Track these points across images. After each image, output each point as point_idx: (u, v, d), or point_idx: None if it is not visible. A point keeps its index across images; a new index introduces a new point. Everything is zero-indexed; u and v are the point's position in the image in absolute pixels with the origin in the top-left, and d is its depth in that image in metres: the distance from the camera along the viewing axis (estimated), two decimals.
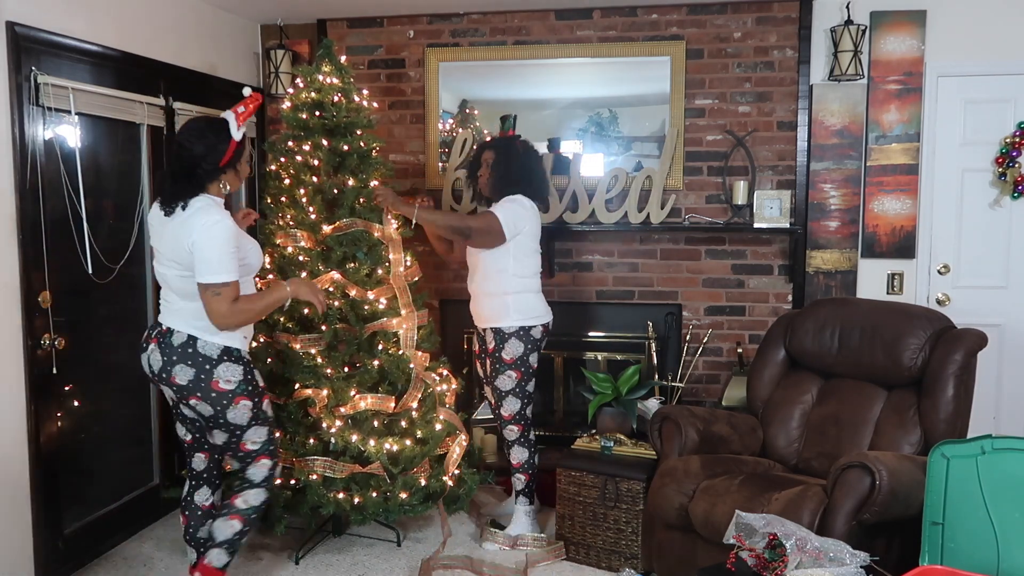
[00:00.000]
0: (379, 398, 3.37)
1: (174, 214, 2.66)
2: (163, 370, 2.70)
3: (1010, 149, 4.03)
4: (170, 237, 2.66)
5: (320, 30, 4.58)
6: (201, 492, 2.96)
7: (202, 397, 2.69)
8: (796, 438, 3.37)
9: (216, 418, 2.74)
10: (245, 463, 2.84)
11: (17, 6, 3.00)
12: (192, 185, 2.66)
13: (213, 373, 2.68)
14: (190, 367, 2.67)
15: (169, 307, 2.76)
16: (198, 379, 2.68)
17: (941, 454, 2.36)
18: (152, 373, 2.75)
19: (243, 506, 2.83)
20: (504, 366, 3.54)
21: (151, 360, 2.74)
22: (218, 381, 2.68)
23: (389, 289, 3.48)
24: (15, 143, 3.00)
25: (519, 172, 3.55)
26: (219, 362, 2.69)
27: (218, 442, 2.84)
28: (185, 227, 2.62)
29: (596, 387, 3.71)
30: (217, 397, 2.69)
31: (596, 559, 3.43)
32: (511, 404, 3.57)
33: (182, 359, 2.67)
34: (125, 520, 3.69)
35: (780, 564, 2.18)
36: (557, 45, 4.39)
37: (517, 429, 3.60)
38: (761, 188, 4.25)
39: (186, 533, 2.95)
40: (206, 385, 2.68)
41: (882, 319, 3.31)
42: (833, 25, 4.09)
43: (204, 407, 2.72)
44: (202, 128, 2.71)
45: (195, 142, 2.66)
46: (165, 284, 2.76)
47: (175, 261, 2.67)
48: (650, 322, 4.34)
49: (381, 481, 3.31)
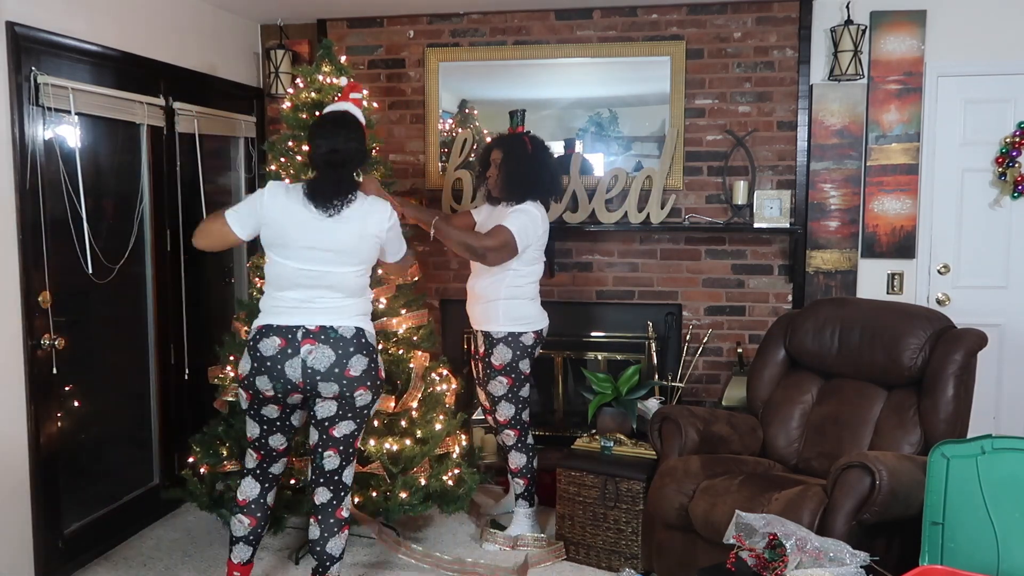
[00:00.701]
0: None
1: (329, 211, 2.67)
2: (336, 365, 2.64)
3: (1010, 149, 4.03)
4: (348, 234, 2.69)
5: (320, 30, 4.58)
6: (272, 494, 2.94)
7: (370, 386, 2.73)
8: (796, 438, 3.37)
9: (366, 408, 2.76)
10: (348, 461, 2.81)
11: (17, 6, 3.00)
12: (352, 180, 2.74)
13: (377, 362, 2.77)
14: (364, 356, 2.70)
15: (323, 305, 2.69)
16: (370, 368, 2.72)
17: (941, 454, 2.36)
18: (309, 375, 2.65)
19: (347, 514, 2.86)
20: (494, 371, 3.51)
21: (310, 361, 2.64)
22: (380, 370, 2.79)
23: (389, 289, 3.48)
24: (15, 143, 3.00)
25: (529, 171, 3.46)
26: (377, 352, 2.81)
27: (339, 434, 2.74)
28: (369, 222, 2.72)
29: (596, 387, 3.71)
30: (379, 386, 2.78)
31: (596, 559, 3.43)
32: (505, 409, 3.55)
33: (358, 350, 2.68)
34: (125, 520, 3.69)
35: (780, 564, 2.18)
36: (557, 45, 4.39)
37: (513, 434, 3.58)
38: (761, 188, 4.25)
39: (251, 534, 2.89)
40: (375, 374, 2.75)
41: (882, 319, 3.31)
42: (833, 25, 4.09)
43: (365, 396, 2.73)
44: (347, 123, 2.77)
45: (350, 136, 2.72)
46: (326, 284, 2.69)
47: (355, 258, 2.72)
48: (650, 322, 4.34)
49: (381, 481, 3.31)
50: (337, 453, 2.77)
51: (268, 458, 2.89)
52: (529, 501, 3.65)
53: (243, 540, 2.89)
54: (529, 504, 3.65)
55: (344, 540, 2.84)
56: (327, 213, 2.66)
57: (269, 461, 2.90)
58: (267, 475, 2.91)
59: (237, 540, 2.89)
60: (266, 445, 2.86)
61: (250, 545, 2.91)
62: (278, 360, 2.65)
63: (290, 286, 2.70)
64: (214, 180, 4.29)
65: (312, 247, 2.67)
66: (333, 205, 2.67)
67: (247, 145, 4.57)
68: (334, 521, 2.81)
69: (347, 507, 2.85)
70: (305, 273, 2.68)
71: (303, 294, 2.68)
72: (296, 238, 2.68)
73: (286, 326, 2.67)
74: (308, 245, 2.67)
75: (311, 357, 2.64)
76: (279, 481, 2.98)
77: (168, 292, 3.89)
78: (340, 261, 2.68)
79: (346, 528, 2.85)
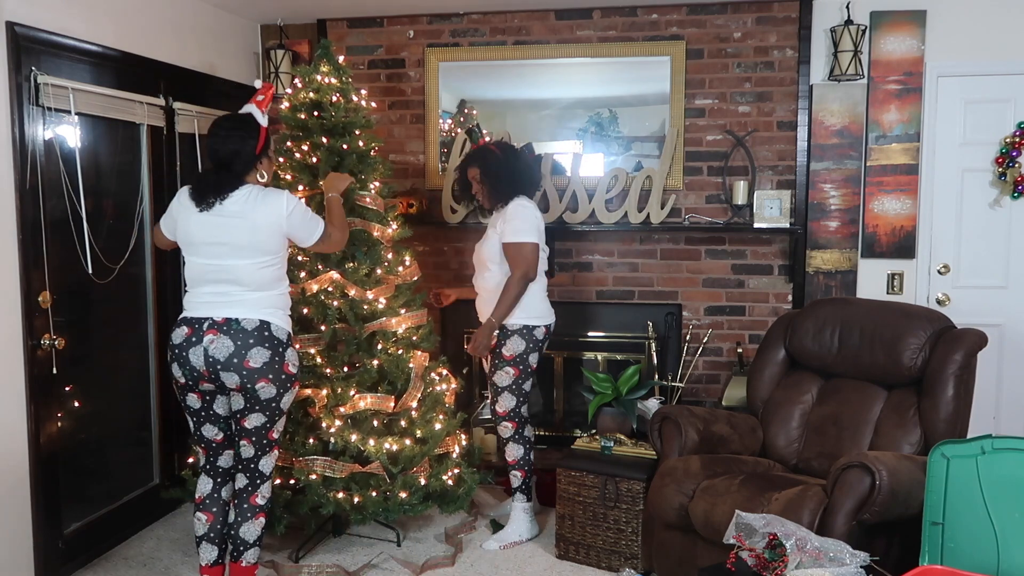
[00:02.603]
0: (378, 398, 3.37)
1: (215, 208, 2.73)
2: (234, 355, 2.71)
3: (1010, 149, 4.03)
4: (238, 229, 2.73)
5: (320, 30, 4.58)
6: (227, 488, 2.98)
7: (272, 379, 2.75)
8: (796, 438, 3.37)
9: (272, 401, 2.78)
10: (263, 451, 2.86)
11: (17, 6, 3.00)
12: (232, 178, 2.77)
13: (284, 356, 2.78)
14: (266, 349, 2.73)
15: (228, 299, 2.76)
16: (272, 361, 2.74)
17: (941, 454, 2.36)
18: (210, 364, 2.72)
19: (263, 502, 2.91)
20: (503, 362, 3.55)
21: (211, 350, 2.72)
22: (288, 364, 2.80)
23: (388, 289, 3.48)
24: (15, 143, 3.00)
25: (510, 173, 3.58)
26: (287, 346, 2.81)
27: (251, 425, 2.81)
28: (266, 216, 2.73)
29: (596, 387, 3.71)
30: (285, 379, 2.79)
31: (596, 559, 3.43)
32: (506, 400, 3.58)
33: (258, 342, 2.73)
34: (125, 520, 3.69)
35: (780, 564, 2.18)
36: (557, 45, 4.39)
37: (511, 426, 3.60)
38: (761, 188, 4.25)
39: (210, 531, 2.93)
40: (279, 367, 2.76)
41: (882, 319, 3.31)
42: (833, 25, 4.09)
43: (269, 389, 2.76)
44: (232, 124, 2.82)
45: (229, 138, 2.77)
46: (228, 278, 2.76)
47: (258, 251, 2.75)
48: (650, 322, 4.34)
49: (381, 481, 3.31)
50: (251, 443, 2.85)
51: (211, 451, 2.96)
52: (527, 495, 3.65)
53: (205, 539, 2.94)
54: (527, 499, 3.65)
55: (259, 527, 2.89)
56: (199, 208, 2.75)
57: (213, 455, 2.96)
58: (216, 469, 2.97)
59: (200, 540, 2.95)
60: (203, 437, 2.93)
61: (213, 544, 2.94)
62: (184, 348, 2.76)
63: (202, 282, 2.81)
64: None
65: (210, 243, 2.76)
66: (207, 202, 2.74)
67: None
68: (248, 507, 2.88)
69: (263, 495, 2.90)
70: (210, 268, 2.78)
71: (213, 288, 2.79)
72: (196, 235, 2.78)
73: (197, 318, 2.78)
74: (207, 241, 2.77)
75: (212, 347, 2.72)
76: (232, 476, 2.98)
77: (168, 292, 3.89)
78: (237, 255, 2.75)
79: (261, 515, 2.89)
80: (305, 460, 3.29)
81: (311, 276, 3.41)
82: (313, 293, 3.37)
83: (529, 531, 3.63)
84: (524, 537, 3.62)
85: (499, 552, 3.55)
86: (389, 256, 3.54)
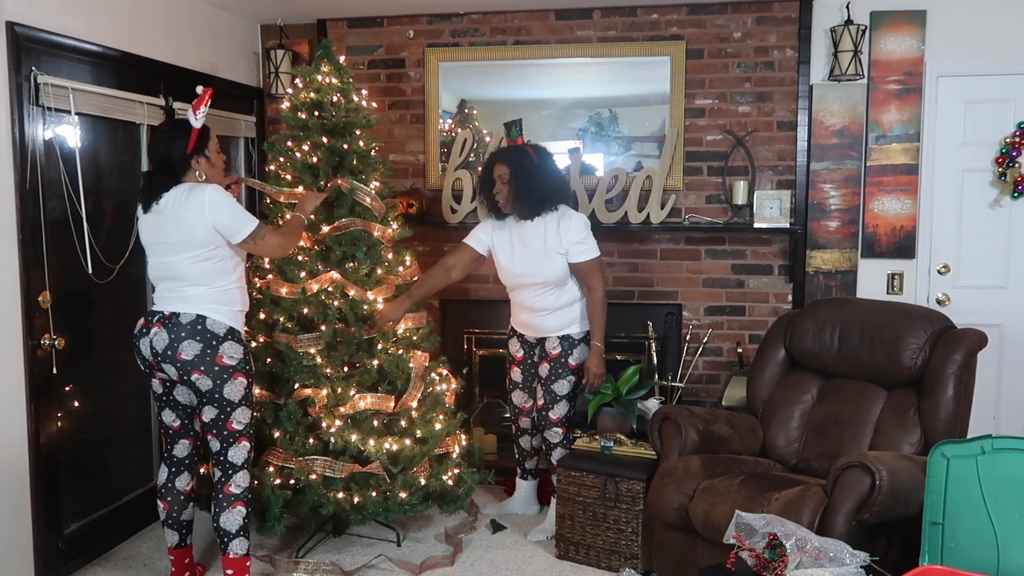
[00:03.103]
0: (379, 398, 3.37)
1: (154, 208, 2.86)
2: (169, 347, 2.83)
3: (1010, 149, 4.03)
4: (174, 226, 2.83)
5: (320, 30, 4.58)
6: (182, 478, 3.10)
7: (205, 371, 2.84)
8: (796, 438, 3.37)
9: (213, 392, 2.87)
10: (228, 443, 2.95)
11: (17, 6, 3.00)
12: (168, 178, 2.88)
13: (219, 349, 2.85)
14: (198, 342, 2.83)
15: (174, 295, 2.89)
16: (204, 353, 2.83)
17: (941, 454, 2.36)
18: (154, 354, 2.86)
19: (238, 491, 2.97)
20: (567, 371, 3.58)
21: (154, 342, 2.85)
22: (222, 356, 2.86)
23: (389, 289, 3.48)
24: (15, 143, 3.00)
25: (547, 181, 3.46)
26: (225, 339, 2.87)
27: (207, 419, 2.92)
28: (190, 209, 2.81)
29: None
30: (219, 371, 2.86)
31: (596, 559, 3.43)
32: (561, 408, 3.62)
33: (190, 335, 2.83)
34: (125, 520, 3.69)
35: (780, 564, 2.18)
36: (557, 45, 4.39)
37: (561, 432, 3.65)
38: (761, 188, 4.25)
39: (168, 518, 3.09)
40: (211, 359, 2.84)
41: (882, 319, 3.31)
42: (833, 25, 4.09)
43: (204, 381, 2.85)
44: (162, 128, 3.00)
45: (161, 138, 2.92)
46: (171, 275, 2.89)
47: (190, 245, 2.83)
48: (650, 322, 4.34)
49: (381, 481, 3.31)
50: (213, 436, 2.95)
51: (169, 439, 3.08)
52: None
53: (165, 524, 3.11)
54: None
55: (240, 516, 2.95)
56: (144, 211, 2.90)
57: (171, 442, 3.08)
58: (172, 458, 3.09)
59: (163, 524, 3.12)
60: (163, 422, 3.07)
61: (174, 530, 3.10)
62: (137, 338, 2.94)
63: (157, 279, 2.96)
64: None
65: (154, 242, 2.90)
66: (148, 204, 2.88)
67: (247, 145, 4.57)
68: (223, 497, 2.95)
69: (238, 484, 2.96)
70: (157, 266, 2.93)
71: (164, 285, 2.93)
72: (144, 236, 2.94)
73: (152, 311, 2.93)
74: (152, 241, 2.91)
75: (155, 339, 2.86)
76: (189, 467, 3.11)
77: None
78: (174, 251, 2.85)
79: (239, 504, 2.95)
80: (305, 460, 3.29)
81: (311, 276, 3.41)
82: (313, 293, 3.37)
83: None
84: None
85: (501, 552, 3.55)
86: (389, 256, 3.55)
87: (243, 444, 2.97)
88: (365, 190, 3.45)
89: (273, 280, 3.45)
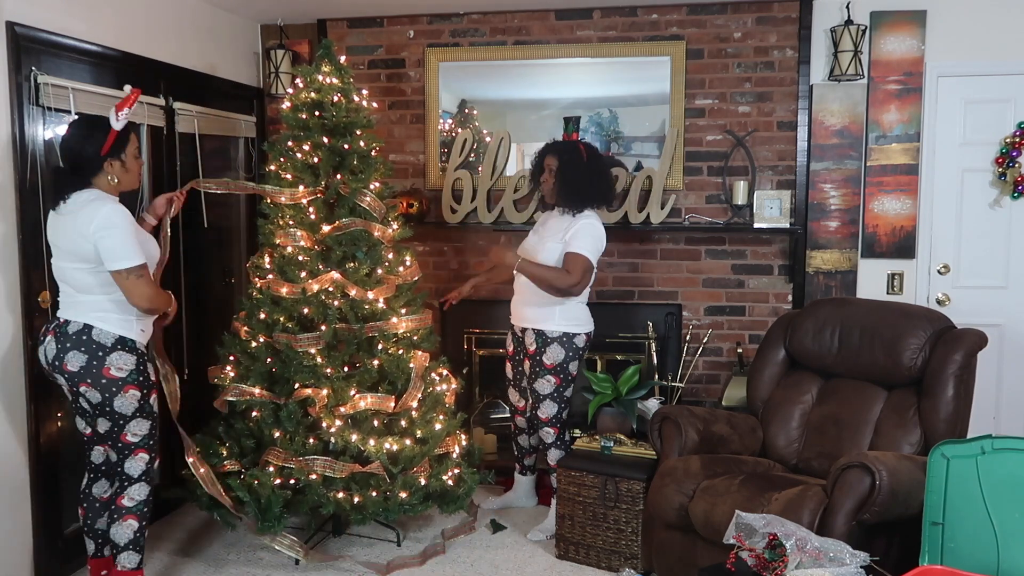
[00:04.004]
0: (379, 398, 3.37)
1: (59, 208, 2.74)
2: (56, 358, 2.75)
3: (1010, 149, 4.03)
4: (65, 232, 2.73)
5: (320, 30, 4.58)
6: (99, 484, 3.02)
7: (92, 384, 2.74)
8: (796, 438, 3.37)
9: (103, 405, 2.78)
10: (123, 455, 2.87)
11: (17, 6, 3.00)
12: (76, 177, 2.76)
13: (105, 360, 2.74)
14: (83, 353, 2.73)
15: (66, 300, 2.81)
16: (89, 365, 2.73)
17: (941, 454, 2.36)
18: (47, 363, 2.80)
19: (131, 504, 2.88)
20: (544, 370, 3.58)
21: (46, 350, 2.78)
22: (109, 368, 2.75)
23: (389, 289, 3.48)
24: (15, 143, 3.00)
25: (587, 179, 3.51)
26: (112, 350, 2.76)
27: (101, 430, 2.86)
28: (79, 220, 2.68)
29: (596, 387, 3.71)
30: (107, 384, 2.75)
31: (596, 559, 3.43)
32: (548, 408, 3.62)
33: (75, 346, 2.73)
34: None
35: (780, 564, 2.18)
36: (557, 45, 4.39)
37: (553, 432, 3.65)
38: (761, 188, 4.25)
39: (84, 524, 3.02)
40: (97, 372, 2.74)
41: (882, 319, 3.31)
42: (833, 25, 4.09)
43: (93, 394, 2.76)
44: (81, 123, 2.84)
45: (74, 135, 2.77)
46: (62, 279, 2.81)
47: (74, 255, 2.73)
48: (650, 322, 4.34)
49: (381, 481, 3.31)
50: (109, 448, 2.90)
51: (86, 445, 3.00)
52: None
53: (83, 532, 3.03)
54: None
55: (129, 529, 2.86)
56: (53, 207, 2.78)
57: (87, 448, 3.00)
58: (90, 464, 3.01)
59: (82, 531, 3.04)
60: (77, 428, 2.98)
61: (90, 538, 3.01)
62: (37, 344, 2.86)
63: (58, 281, 2.85)
64: None
65: (52, 242, 2.81)
66: (54, 201, 2.77)
67: (247, 145, 4.57)
68: (115, 508, 2.88)
69: (131, 497, 2.87)
70: (55, 268, 2.82)
71: (62, 289, 2.84)
72: (48, 234, 2.84)
73: (52, 318, 2.86)
74: (50, 240, 2.82)
75: (48, 347, 2.78)
76: (108, 473, 3.00)
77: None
78: (66, 257, 2.76)
79: (130, 517, 2.86)
80: (305, 460, 3.29)
81: (312, 276, 3.41)
82: (314, 293, 3.37)
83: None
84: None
85: (501, 551, 3.56)
86: (390, 256, 3.54)
87: (140, 456, 2.87)
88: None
89: (273, 280, 3.44)
